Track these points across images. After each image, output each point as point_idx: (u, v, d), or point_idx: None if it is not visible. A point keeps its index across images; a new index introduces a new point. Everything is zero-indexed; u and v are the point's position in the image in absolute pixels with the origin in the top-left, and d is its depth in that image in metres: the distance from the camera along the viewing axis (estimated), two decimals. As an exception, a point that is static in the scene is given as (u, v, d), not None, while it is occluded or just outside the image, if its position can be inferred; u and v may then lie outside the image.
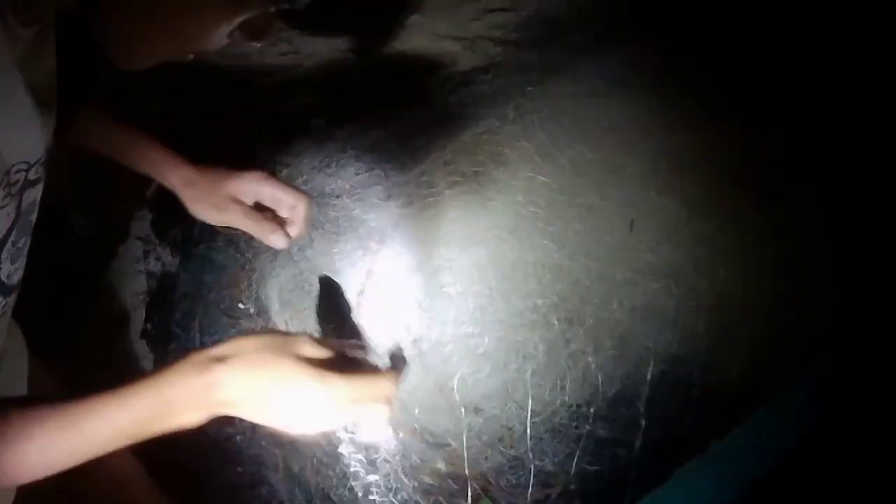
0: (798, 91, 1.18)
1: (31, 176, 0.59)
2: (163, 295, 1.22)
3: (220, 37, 0.60)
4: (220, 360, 0.60)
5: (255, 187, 0.85)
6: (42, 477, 0.59)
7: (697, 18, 1.22)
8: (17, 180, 0.57)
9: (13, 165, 0.55)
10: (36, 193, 0.62)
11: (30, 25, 0.53)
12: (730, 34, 1.20)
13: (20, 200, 0.59)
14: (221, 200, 0.85)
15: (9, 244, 0.59)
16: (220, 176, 0.85)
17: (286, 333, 0.67)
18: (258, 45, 0.64)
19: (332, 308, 1.11)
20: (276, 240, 0.86)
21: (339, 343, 0.70)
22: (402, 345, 1.05)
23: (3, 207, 0.55)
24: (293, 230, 0.88)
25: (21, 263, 0.64)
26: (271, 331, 0.67)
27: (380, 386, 0.66)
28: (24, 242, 0.63)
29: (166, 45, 0.61)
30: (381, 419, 0.66)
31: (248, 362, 0.61)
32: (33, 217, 0.64)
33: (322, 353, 0.65)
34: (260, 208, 0.87)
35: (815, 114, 1.15)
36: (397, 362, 0.73)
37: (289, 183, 0.89)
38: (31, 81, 0.55)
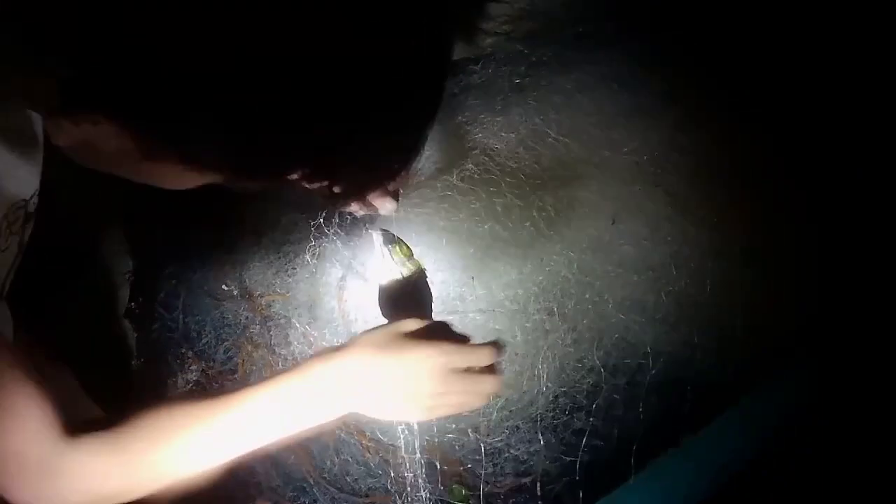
0: (784, 91, 1.18)
1: (30, 208, 0.62)
2: (147, 275, 1.22)
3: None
4: (342, 347, 0.69)
5: None
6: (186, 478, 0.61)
7: (686, 16, 1.22)
8: (18, 218, 0.59)
9: (13, 203, 0.58)
10: (32, 226, 0.64)
11: None
12: (718, 32, 1.21)
13: (21, 237, 0.61)
14: None
15: (9, 281, 0.61)
16: None
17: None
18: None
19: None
20: (386, 204, 0.88)
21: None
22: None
23: (5, 250, 0.58)
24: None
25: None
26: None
27: (484, 353, 0.71)
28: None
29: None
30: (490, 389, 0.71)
31: (368, 344, 0.68)
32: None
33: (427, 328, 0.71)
34: None
35: (799, 113, 1.16)
36: None
37: None
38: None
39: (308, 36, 0.42)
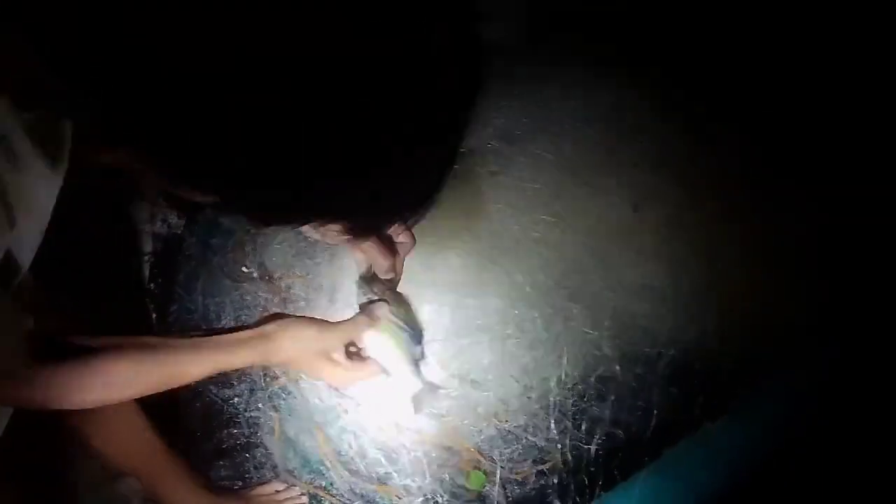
0: (797, 92, 1.18)
1: None
2: (168, 256, 1.23)
3: None
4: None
5: None
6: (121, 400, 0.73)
7: (710, 6, 1.22)
8: None
9: None
10: None
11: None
12: (745, 26, 1.21)
13: None
14: None
15: None
16: None
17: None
18: None
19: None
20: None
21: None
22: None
23: None
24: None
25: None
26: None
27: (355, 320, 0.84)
28: None
29: None
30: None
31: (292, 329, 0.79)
32: None
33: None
34: None
35: (813, 112, 1.16)
36: None
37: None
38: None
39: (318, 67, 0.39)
